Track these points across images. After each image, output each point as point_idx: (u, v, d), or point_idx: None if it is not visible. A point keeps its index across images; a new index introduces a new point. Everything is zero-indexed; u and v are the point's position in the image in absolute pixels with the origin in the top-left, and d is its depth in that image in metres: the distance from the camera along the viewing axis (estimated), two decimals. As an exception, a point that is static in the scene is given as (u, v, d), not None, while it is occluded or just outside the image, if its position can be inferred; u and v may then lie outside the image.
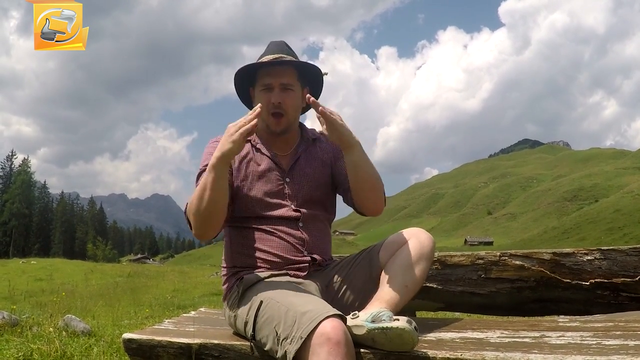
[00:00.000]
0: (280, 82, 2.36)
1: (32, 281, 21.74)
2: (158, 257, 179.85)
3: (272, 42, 2.50)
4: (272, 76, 2.37)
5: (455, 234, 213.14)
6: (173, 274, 27.48)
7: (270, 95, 2.36)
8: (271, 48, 2.46)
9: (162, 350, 2.29)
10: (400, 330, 1.81)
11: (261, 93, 2.39)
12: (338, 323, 1.76)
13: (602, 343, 1.78)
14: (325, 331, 1.73)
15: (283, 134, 2.44)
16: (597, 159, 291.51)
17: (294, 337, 1.80)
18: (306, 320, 1.79)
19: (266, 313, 2.03)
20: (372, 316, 1.90)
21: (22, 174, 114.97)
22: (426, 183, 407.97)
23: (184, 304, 11.78)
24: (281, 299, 2.01)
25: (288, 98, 2.38)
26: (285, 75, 2.38)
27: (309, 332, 1.74)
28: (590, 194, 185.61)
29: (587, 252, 2.89)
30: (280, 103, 2.36)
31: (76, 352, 3.81)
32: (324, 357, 1.69)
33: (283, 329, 1.88)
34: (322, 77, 2.52)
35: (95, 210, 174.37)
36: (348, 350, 1.72)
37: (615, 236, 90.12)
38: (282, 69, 2.38)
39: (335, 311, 1.82)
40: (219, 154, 2.09)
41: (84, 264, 35.54)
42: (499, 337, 2.00)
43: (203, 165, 2.31)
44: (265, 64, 2.38)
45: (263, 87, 2.38)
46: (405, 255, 2.22)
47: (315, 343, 1.73)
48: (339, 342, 1.71)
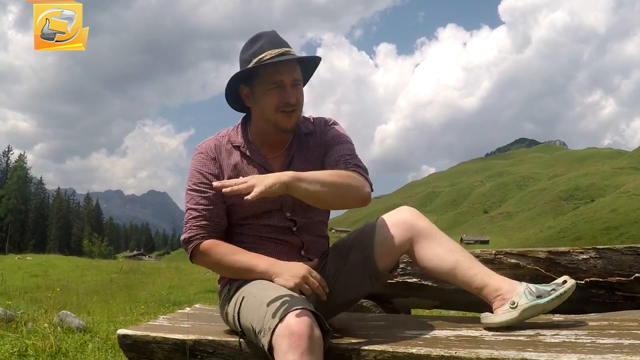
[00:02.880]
0: (293, 77, 2.23)
1: (27, 277, 21.67)
2: (154, 254, 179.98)
3: (264, 34, 2.30)
4: (283, 73, 2.21)
5: (451, 233, 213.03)
6: (169, 271, 27.40)
7: (284, 93, 2.22)
8: (268, 41, 2.25)
9: (156, 346, 2.29)
10: (573, 287, 2.01)
11: (270, 92, 2.22)
12: (304, 316, 1.76)
13: (596, 342, 1.78)
14: (289, 324, 1.74)
15: (292, 132, 2.34)
16: (594, 159, 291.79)
17: (264, 329, 1.83)
18: (275, 313, 1.81)
19: (245, 309, 2.05)
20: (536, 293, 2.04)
21: (18, 170, 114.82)
22: (422, 181, 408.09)
23: (180, 300, 11.76)
24: (258, 294, 2.02)
25: (299, 93, 2.28)
26: (295, 71, 2.26)
27: (275, 324, 1.76)
28: (587, 194, 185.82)
29: (582, 251, 2.89)
30: (295, 102, 2.25)
31: (71, 348, 3.80)
32: (285, 350, 1.71)
33: (257, 322, 1.90)
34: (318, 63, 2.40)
35: (92, 206, 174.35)
36: (311, 344, 1.72)
37: (611, 236, 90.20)
38: (290, 65, 2.24)
39: (305, 305, 1.82)
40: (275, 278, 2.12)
41: (79, 260, 35.45)
42: (494, 335, 2.00)
43: (192, 183, 2.32)
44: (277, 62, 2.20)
45: (273, 85, 2.21)
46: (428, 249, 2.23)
47: (278, 335, 1.75)
48: (301, 335, 1.71)
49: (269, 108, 2.24)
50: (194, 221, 2.28)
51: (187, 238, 2.28)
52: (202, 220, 2.27)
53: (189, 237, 2.27)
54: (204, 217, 2.27)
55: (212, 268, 2.32)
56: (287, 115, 2.24)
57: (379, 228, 2.27)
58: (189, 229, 2.28)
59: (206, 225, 2.27)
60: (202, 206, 2.27)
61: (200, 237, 2.26)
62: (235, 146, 2.36)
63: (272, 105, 2.23)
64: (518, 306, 2.03)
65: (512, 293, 2.07)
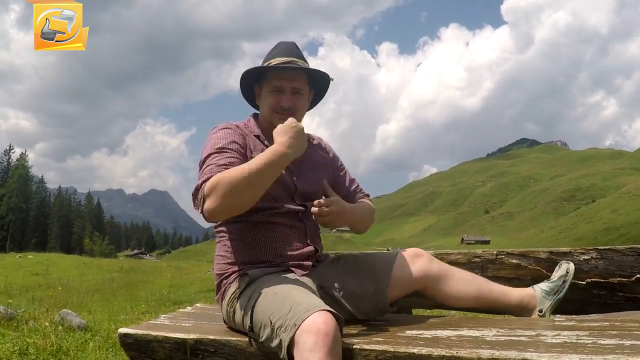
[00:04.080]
0: (292, 86, 2.40)
1: (28, 275, 21.72)
2: (155, 253, 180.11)
3: (282, 43, 2.51)
4: (284, 79, 2.39)
5: (452, 233, 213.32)
6: (170, 270, 27.42)
7: (280, 97, 2.39)
8: (282, 50, 2.46)
9: (157, 345, 2.29)
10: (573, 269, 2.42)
11: (270, 94, 2.41)
12: (331, 317, 1.79)
13: (598, 342, 1.78)
14: (316, 321, 1.76)
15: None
16: (595, 159, 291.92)
17: (288, 325, 1.83)
18: (302, 310, 1.83)
19: (263, 304, 2.04)
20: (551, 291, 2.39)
21: (20, 169, 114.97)
22: (424, 181, 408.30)
23: (181, 299, 11.77)
24: (280, 291, 2.04)
25: (298, 101, 2.42)
26: (297, 80, 2.42)
27: (303, 320, 1.77)
28: (588, 194, 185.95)
29: (583, 251, 2.89)
30: (291, 106, 2.39)
31: (72, 346, 3.80)
32: (310, 346, 1.72)
33: (278, 317, 1.90)
34: (329, 83, 2.57)
35: (93, 205, 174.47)
36: (335, 345, 1.74)
37: (612, 236, 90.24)
38: (295, 74, 2.42)
39: (330, 309, 1.85)
40: (291, 151, 2.17)
41: (80, 259, 35.49)
42: (495, 335, 2.00)
43: (216, 147, 2.26)
44: (279, 68, 2.39)
45: (273, 88, 2.40)
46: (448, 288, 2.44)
47: (304, 331, 1.76)
48: (327, 333, 1.73)
49: (267, 108, 2.43)
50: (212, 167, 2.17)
51: (199, 183, 2.13)
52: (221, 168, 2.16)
53: (201, 180, 2.13)
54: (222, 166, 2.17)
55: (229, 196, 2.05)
56: (281, 117, 2.36)
57: (396, 264, 2.43)
58: (203, 175, 2.15)
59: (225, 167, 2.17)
60: (225, 162, 2.18)
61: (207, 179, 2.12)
62: (256, 135, 2.45)
63: (269, 106, 2.42)
64: (544, 311, 2.29)
65: (533, 300, 2.36)
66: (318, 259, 2.50)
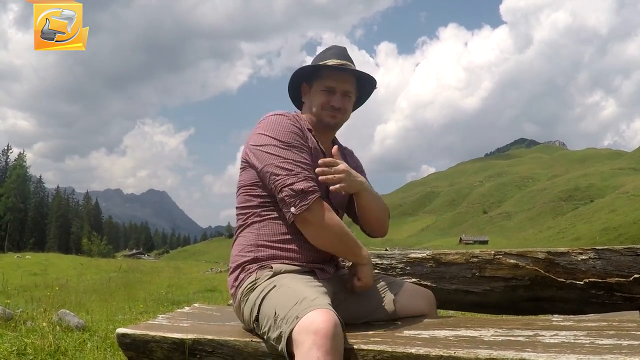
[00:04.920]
0: (344, 88, 2.47)
1: (26, 275, 21.67)
2: (153, 253, 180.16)
3: (335, 46, 2.58)
4: (338, 81, 2.46)
5: (450, 233, 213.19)
6: (168, 270, 27.43)
7: (331, 97, 2.46)
8: (336, 52, 2.54)
9: (155, 345, 2.29)
10: None
11: (322, 93, 2.47)
12: (332, 316, 1.80)
13: (595, 342, 1.79)
14: (316, 320, 1.77)
15: (333, 129, 2.56)
16: (593, 159, 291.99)
17: (289, 317, 1.86)
18: (305, 305, 1.86)
19: (274, 296, 2.07)
20: None
21: (18, 169, 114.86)
22: (422, 181, 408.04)
23: (179, 299, 11.75)
24: (293, 286, 2.07)
25: (346, 103, 2.50)
26: (348, 83, 2.49)
27: (305, 315, 1.80)
28: (586, 194, 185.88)
29: (581, 251, 2.90)
30: (341, 108, 2.47)
31: (70, 346, 3.80)
32: (307, 347, 1.73)
33: (282, 309, 1.93)
34: (374, 87, 2.64)
35: (91, 205, 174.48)
36: (335, 345, 1.75)
37: (610, 236, 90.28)
38: (347, 76, 2.49)
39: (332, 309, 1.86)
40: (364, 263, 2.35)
41: (78, 259, 35.46)
42: (493, 335, 2.00)
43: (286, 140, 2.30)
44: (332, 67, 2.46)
45: (326, 87, 2.46)
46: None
47: (303, 329, 1.77)
48: (326, 334, 1.74)
49: (317, 105, 2.48)
50: (307, 173, 2.25)
51: (305, 188, 2.20)
52: (311, 174, 2.26)
53: (307, 187, 2.21)
54: (310, 172, 2.26)
55: (328, 230, 2.24)
56: (331, 115, 2.48)
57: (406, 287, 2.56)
58: (303, 179, 2.22)
59: (315, 182, 2.26)
60: (305, 160, 2.29)
61: (318, 191, 2.24)
62: (309, 129, 2.49)
63: (320, 104, 2.47)
64: None
65: None
66: (337, 265, 2.53)
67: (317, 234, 2.25)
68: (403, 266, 3.24)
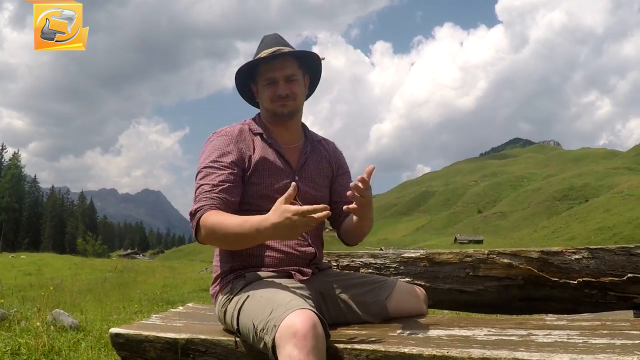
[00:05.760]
0: (284, 74, 2.38)
1: (21, 275, 21.67)
2: (148, 253, 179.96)
3: (267, 36, 2.50)
4: (275, 70, 2.38)
5: (445, 232, 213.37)
6: (163, 270, 27.42)
7: (276, 88, 2.38)
8: (267, 42, 2.45)
9: (149, 345, 2.29)
10: None
11: (265, 87, 2.41)
12: (309, 316, 1.79)
13: (588, 342, 1.79)
14: (293, 323, 1.76)
15: (290, 117, 2.45)
16: (588, 159, 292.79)
17: (268, 327, 1.84)
18: (281, 310, 1.84)
19: (249, 307, 2.05)
20: None
21: (12, 168, 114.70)
22: (417, 181, 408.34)
23: (174, 299, 11.76)
24: (266, 294, 2.04)
25: (294, 87, 2.41)
26: (287, 67, 2.40)
27: (281, 321, 1.78)
28: (581, 194, 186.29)
29: (575, 251, 2.90)
30: (288, 94, 2.39)
31: (64, 346, 3.79)
32: (289, 350, 1.72)
33: (260, 320, 1.91)
34: (321, 62, 2.55)
35: (86, 205, 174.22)
36: (315, 345, 1.74)
37: (605, 236, 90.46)
38: (284, 61, 2.39)
39: (309, 306, 1.87)
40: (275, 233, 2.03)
41: (73, 259, 35.42)
42: (486, 334, 2.00)
43: (210, 161, 2.30)
44: (266, 59, 2.37)
45: (267, 81, 2.40)
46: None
47: (282, 333, 1.76)
48: (305, 335, 1.73)
49: (266, 100, 2.42)
50: (207, 194, 2.23)
51: (195, 209, 2.21)
52: (214, 194, 2.22)
53: (197, 207, 2.21)
54: (217, 191, 2.23)
55: (211, 238, 2.19)
56: (282, 104, 2.40)
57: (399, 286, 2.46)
58: (199, 201, 2.22)
59: (217, 198, 2.22)
60: (217, 181, 2.25)
61: (208, 207, 2.19)
62: (257, 133, 2.45)
63: (268, 98, 2.42)
64: None
65: None
66: (319, 267, 2.48)
67: (211, 241, 2.23)
68: (397, 266, 3.24)
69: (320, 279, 2.41)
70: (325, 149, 2.65)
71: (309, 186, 2.46)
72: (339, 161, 2.68)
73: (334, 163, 2.64)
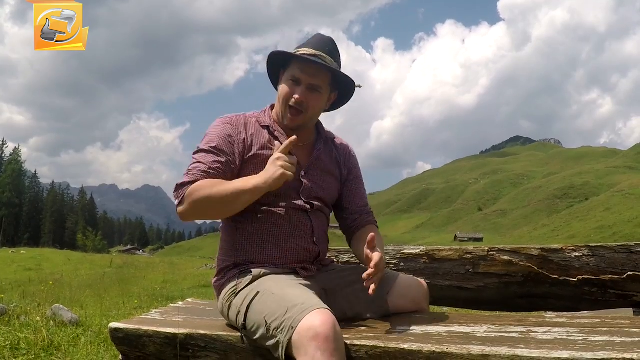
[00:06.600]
0: (310, 82, 2.28)
1: (21, 270, 21.69)
2: (148, 249, 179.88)
3: (319, 35, 2.41)
4: (304, 72, 2.28)
5: (445, 230, 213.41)
6: (163, 266, 27.45)
7: (295, 88, 2.28)
8: (315, 42, 2.35)
9: (148, 340, 2.29)
10: None
11: (287, 82, 2.30)
12: (328, 317, 1.78)
13: (588, 339, 1.78)
14: (314, 325, 1.74)
15: (295, 130, 2.34)
16: (589, 157, 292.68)
17: (285, 326, 1.82)
18: (298, 311, 1.82)
19: (259, 303, 2.03)
20: None
21: (13, 163, 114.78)
22: (417, 178, 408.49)
23: (173, 295, 11.76)
24: (278, 292, 2.02)
25: (312, 99, 2.31)
26: (318, 77, 2.29)
27: (299, 322, 1.77)
28: (581, 192, 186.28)
29: (575, 248, 2.90)
30: (302, 101, 2.28)
31: (64, 341, 3.79)
32: (312, 353, 1.71)
33: (274, 318, 1.89)
34: (354, 88, 2.45)
35: (86, 200, 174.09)
36: (337, 346, 1.74)
37: (605, 234, 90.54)
38: (318, 70, 2.29)
39: (325, 306, 1.85)
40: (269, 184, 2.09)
41: (73, 254, 35.45)
42: (486, 331, 2.00)
43: (210, 145, 2.26)
44: (302, 58, 2.28)
45: (291, 78, 2.29)
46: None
47: (303, 336, 1.74)
48: (327, 337, 1.72)
49: (280, 95, 2.33)
50: (201, 173, 2.19)
51: (181, 182, 2.19)
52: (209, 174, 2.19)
53: (184, 181, 2.19)
54: (212, 175, 2.19)
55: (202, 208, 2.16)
56: (293, 114, 2.31)
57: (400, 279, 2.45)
58: (192, 175, 2.19)
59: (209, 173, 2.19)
60: (215, 166, 2.21)
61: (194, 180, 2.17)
62: (264, 126, 2.39)
63: (283, 94, 2.32)
64: None
65: None
66: (323, 263, 2.46)
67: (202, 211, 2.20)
68: (397, 262, 3.24)
69: (324, 275, 2.40)
70: (337, 148, 2.57)
71: (316, 183, 2.41)
72: (349, 164, 2.59)
73: (343, 165, 2.56)
